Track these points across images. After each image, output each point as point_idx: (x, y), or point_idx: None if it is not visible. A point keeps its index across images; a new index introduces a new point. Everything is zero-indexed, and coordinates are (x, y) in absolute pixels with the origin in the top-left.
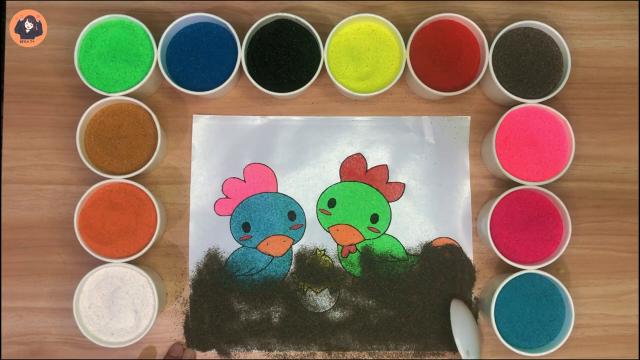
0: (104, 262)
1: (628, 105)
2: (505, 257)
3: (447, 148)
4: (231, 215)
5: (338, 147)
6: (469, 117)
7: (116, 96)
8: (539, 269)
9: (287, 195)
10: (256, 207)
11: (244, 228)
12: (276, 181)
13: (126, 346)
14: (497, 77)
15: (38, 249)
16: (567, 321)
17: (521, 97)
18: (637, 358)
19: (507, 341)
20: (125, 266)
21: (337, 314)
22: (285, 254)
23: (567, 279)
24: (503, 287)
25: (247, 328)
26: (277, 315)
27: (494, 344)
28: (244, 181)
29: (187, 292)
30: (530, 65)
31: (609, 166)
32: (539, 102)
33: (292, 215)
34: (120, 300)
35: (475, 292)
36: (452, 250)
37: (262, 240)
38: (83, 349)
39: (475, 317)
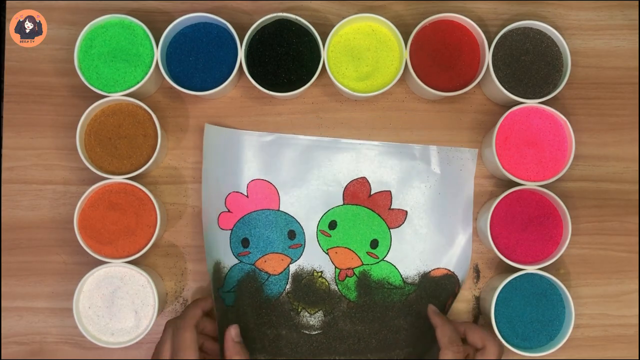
0: (104, 262)
1: (628, 105)
2: (505, 257)
3: (453, 179)
4: (232, 229)
5: (343, 169)
6: (477, 150)
7: (116, 96)
8: (539, 269)
9: (288, 214)
10: (256, 223)
11: (242, 244)
12: (279, 199)
13: (126, 346)
14: (497, 77)
15: (38, 249)
16: (567, 321)
17: (521, 97)
18: (637, 358)
19: (507, 341)
20: (125, 266)
21: (330, 337)
22: (282, 272)
23: (567, 279)
24: (503, 287)
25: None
26: (269, 334)
27: None
28: (247, 196)
29: (187, 292)
30: (530, 65)
31: (609, 166)
32: (539, 102)
33: (292, 234)
34: (120, 300)
35: (476, 292)
36: (448, 280)
37: (260, 257)
38: (83, 349)
39: (476, 318)
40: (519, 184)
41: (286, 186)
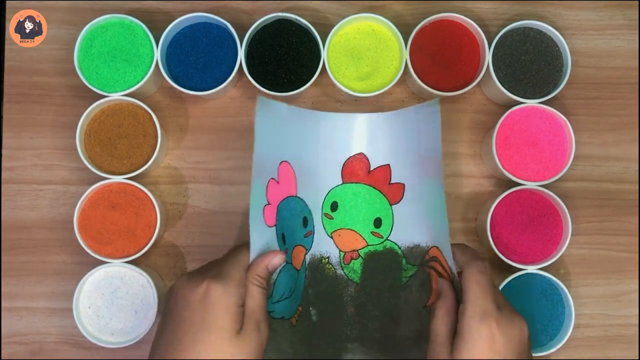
0: (104, 262)
1: (628, 105)
2: (505, 257)
3: (431, 137)
4: (275, 225)
5: (338, 146)
6: (438, 99)
7: (116, 96)
8: (539, 269)
9: (301, 199)
10: (287, 214)
11: (283, 240)
12: (296, 182)
13: (126, 346)
14: (497, 77)
15: (38, 249)
16: (567, 321)
17: (521, 97)
18: (637, 358)
19: None
20: (125, 266)
21: (340, 323)
22: (302, 265)
23: (567, 279)
24: (503, 287)
25: None
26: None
27: None
28: (278, 182)
29: None
30: (530, 65)
31: (609, 166)
32: (539, 102)
33: (305, 222)
34: (120, 300)
35: None
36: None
37: (291, 253)
38: (83, 349)
39: None
40: (519, 184)
41: (297, 168)
